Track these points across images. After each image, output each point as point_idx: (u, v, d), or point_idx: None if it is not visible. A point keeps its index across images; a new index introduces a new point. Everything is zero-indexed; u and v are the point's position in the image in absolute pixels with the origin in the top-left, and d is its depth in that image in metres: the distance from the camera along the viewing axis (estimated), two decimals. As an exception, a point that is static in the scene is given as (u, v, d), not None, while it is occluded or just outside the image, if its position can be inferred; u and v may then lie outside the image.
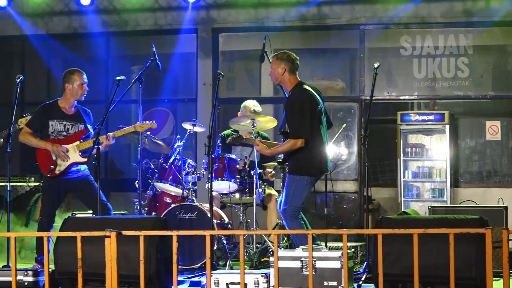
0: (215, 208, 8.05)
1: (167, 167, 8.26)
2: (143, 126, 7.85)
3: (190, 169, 8.34)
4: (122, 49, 12.15)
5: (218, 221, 8.13)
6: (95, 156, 7.12)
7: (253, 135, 7.79)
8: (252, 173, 8.09)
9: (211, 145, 7.13)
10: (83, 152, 7.60)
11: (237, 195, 8.26)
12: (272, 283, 5.72)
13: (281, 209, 7.02)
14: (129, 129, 7.82)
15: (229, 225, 8.33)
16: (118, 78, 7.44)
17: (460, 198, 10.94)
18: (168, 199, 8.39)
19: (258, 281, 5.85)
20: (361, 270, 7.25)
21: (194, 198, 8.25)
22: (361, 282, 6.55)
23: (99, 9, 11.73)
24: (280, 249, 6.86)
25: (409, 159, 11.29)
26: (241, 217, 8.42)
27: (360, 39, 11.43)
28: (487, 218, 5.89)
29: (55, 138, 7.63)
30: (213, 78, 11.46)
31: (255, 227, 8.13)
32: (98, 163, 7.14)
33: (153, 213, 8.33)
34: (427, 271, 5.40)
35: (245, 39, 12.03)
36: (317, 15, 11.45)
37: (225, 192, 8.29)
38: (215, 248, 7.80)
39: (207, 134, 7.17)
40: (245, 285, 5.55)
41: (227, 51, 12.11)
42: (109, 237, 4.95)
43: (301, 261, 5.96)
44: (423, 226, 5.68)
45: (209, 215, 7.43)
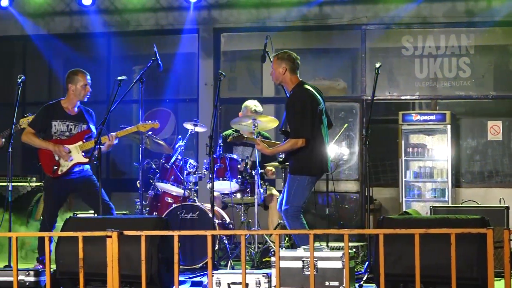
0: (216, 208, 8.05)
1: (168, 167, 8.25)
2: (145, 126, 7.84)
3: (191, 169, 8.34)
4: (124, 49, 12.15)
5: (220, 221, 8.13)
6: (96, 156, 7.12)
7: (254, 135, 7.79)
8: (253, 173, 8.09)
9: (212, 145, 7.12)
10: (86, 152, 7.58)
11: (238, 195, 8.27)
12: (274, 283, 5.72)
13: (282, 209, 7.02)
14: (132, 129, 7.81)
15: (231, 225, 8.33)
16: (119, 78, 7.43)
17: (461, 198, 10.94)
18: (169, 199, 8.39)
19: (259, 281, 5.85)
20: (362, 270, 7.24)
21: (195, 198, 8.25)
22: (362, 282, 6.54)
23: (101, 9, 11.73)
24: (282, 249, 6.85)
25: (410, 159, 11.28)
26: (242, 217, 8.42)
27: (361, 39, 11.43)
28: (488, 218, 5.88)
29: (58, 138, 7.62)
30: (214, 78, 11.45)
31: (256, 227, 8.12)
32: (100, 163, 7.13)
33: (154, 213, 8.33)
34: (428, 271, 5.39)
35: (246, 39, 12.03)
36: (318, 15, 11.45)
37: (226, 192, 8.30)
38: (216, 248, 7.80)
39: (208, 134, 7.17)
40: (247, 285, 5.54)
41: (228, 51, 12.11)
42: (110, 237, 4.95)
43: (303, 261, 5.95)
44: (424, 226, 5.66)
45: (210, 215, 7.42)
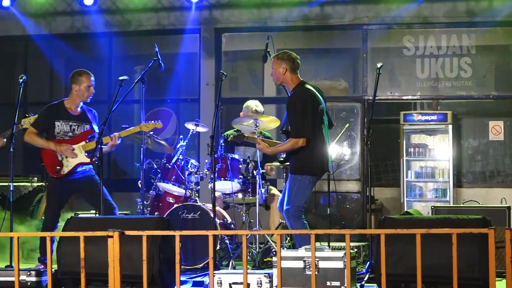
0: (218, 208, 8.06)
1: (170, 167, 8.26)
2: (148, 126, 7.83)
3: (193, 169, 8.34)
4: (125, 49, 12.16)
5: (221, 221, 8.13)
6: (97, 156, 7.11)
7: (255, 134, 7.79)
8: (255, 173, 8.09)
9: (214, 145, 7.12)
10: (88, 153, 7.58)
11: (240, 195, 8.27)
12: (275, 283, 5.72)
13: (284, 209, 7.02)
14: (134, 129, 7.81)
15: (232, 225, 8.34)
16: (120, 78, 7.43)
17: (463, 198, 10.93)
18: (171, 199, 8.39)
19: (261, 281, 5.85)
20: (364, 270, 7.24)
21: (197, 198, 8.25)
22: (364, 282, 6.54)
23: (102, 9, 11.73)
24: (283, 249, 6.85)
25: (412, 159, 11.28)
26: (244, 217, 8.41)
27: (363, 39, 11.42)
28: (490, 218, 5.88)
29: (61, 138, 7.62)
30: (215, 78, 11.45)
31: (258, 227, 8.12)
32: (101, 163, 7.14)
33: (156, 213, 8.33)
34: (430, 271, 5.38)
35: (248, 39, 12.03)
36: (320, 15, 11.45)
37: (228, 192, 8.30)
38: (218, 248, 7.80)
39: (210, 134, 7.15)
40: (248, 285, 5.54)
41: (230, 51, 12.11)
42: (112, 237, 4.95)
43: (304, 261, 5.95)
44: (426, 226, 5.66)
45: (212, 215, 7.42)
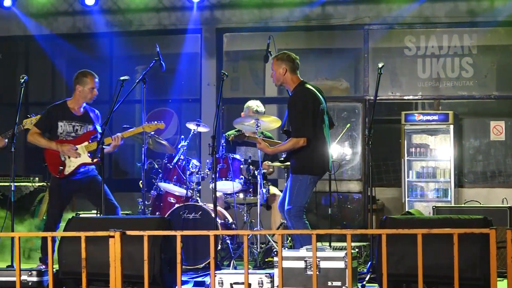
0: (219, 208, 8.06)
1: (171, 167, 8.26)
2: (151, 126, 7.83)
3: (194, 169, 8.34)
4: (126, 49, 12.16)
5: (222, 221, 8.14)
6: (99, 156, 7.12)
7: (256, 134, 7.80)
8: (256, 173, 8.09)
9: (215, 145, 7.13)
10: (91, 153, 7.57)
11: (241, 195, 8.27)
12: (276, 283, 5.72)
13: (285, 209, 7.02)
14: (137, 129, 7.80)
15: (233, 225, 8.34)
16: (122, 78, 7.43)
17: (464, 198, 10.93)
18: (172, 199, 8.40)
19: (262, 281, 5.85)
20: (365, 270, 7.24)
21: (198, 198, 8.25)
22: (365, 282, 6.55)
23: (103, 9, 11.74)
24: (284, 249, 6.85)
25: (413, 159, 11.28)
26: (245, 217, 8.42)
27: (364, 39, 11.42)
28: (491, 218, 5.87)
29: (64, 139, 7.63)
30: (217, 78, 11.45)
31: (259, 227, 8.12)
32: (102, 163, 7.14)
33: (157, 213, 8.34)
34: (431, 271, 5.38)
35: (249, 39, 12.03)
36: (321, 15, 11.45)
37: (229, 192, 8.30)
38: (219, 248, 7.80)
39: (211, 134, 7.16)
40: (249, 285, 5.55)
41: (231, 51, 12.11)
42: (113, 237, 4.95)
43: (305, 261, 5.95)
44: (427, 226, 5.67)
45: (213, 215, 7.43)
